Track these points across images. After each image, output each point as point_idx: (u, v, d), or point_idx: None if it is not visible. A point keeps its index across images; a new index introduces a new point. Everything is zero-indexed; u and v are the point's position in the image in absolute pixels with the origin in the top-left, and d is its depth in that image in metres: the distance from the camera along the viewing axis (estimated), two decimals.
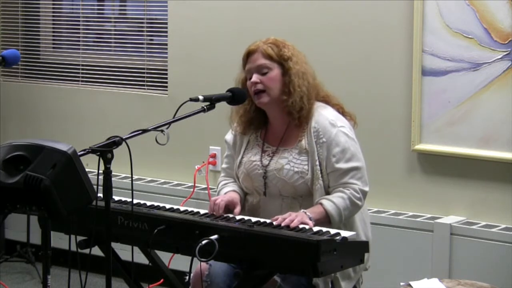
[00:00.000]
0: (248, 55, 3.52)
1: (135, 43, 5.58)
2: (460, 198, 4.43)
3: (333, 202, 3.38)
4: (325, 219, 3.37)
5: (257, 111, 3.58)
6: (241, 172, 3.59)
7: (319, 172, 3.43)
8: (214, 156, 5.16)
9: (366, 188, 3.47)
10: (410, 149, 4.53)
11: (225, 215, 3.42)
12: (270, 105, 3.51)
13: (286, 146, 3.52)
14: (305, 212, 3.34)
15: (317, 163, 3.43)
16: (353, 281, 3.47)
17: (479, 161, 4.35)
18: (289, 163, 3.47)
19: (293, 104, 3.45)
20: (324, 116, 3.49)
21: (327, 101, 3.58)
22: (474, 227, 4.30)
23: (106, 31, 5.73)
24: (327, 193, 3.45)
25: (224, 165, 3.72)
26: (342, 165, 3.43)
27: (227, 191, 3.58)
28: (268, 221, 3.32)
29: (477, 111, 4.32)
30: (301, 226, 3.25)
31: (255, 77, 3.48)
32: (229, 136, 3.69)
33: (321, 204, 3.39)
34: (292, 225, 3.24)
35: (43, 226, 2.88)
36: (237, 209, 3.48)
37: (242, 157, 3.60)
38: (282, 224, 3.25)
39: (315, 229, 3.22)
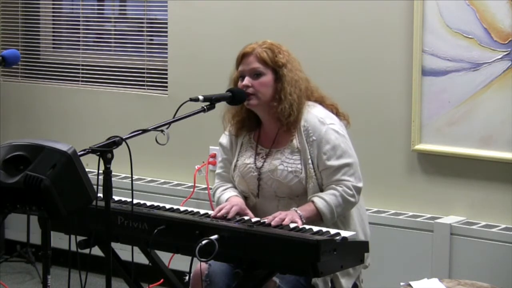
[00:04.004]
0: (243, 57, 3.52)
1: (135, 43, 5.58)
2: (460, 198, 4.43)
3: (325, 199, 3.39)
4: (317, 217, 3.38)
5: (249, 112, 3.58)
6: (236, 175, 3.59)
7: (312, 170, 3.44)
8: (214, 156, 5.15)
9: (360, 184, 3.46)
10: (410, 149, 4.53)
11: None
12: (259, 108, 3.51)
13: (278, 147, 3.53)
14: (296, 210, 3.36)
15: (310, 161, 3.44)
16: (352, 278, 3.48)
17: (479, 161, 4.35)
18: (282, 163, 3.48)
19: (282, 110, 3.46)
20: (313, 114, 3.49)
21: (321, 101, 3.58)
22: (474, 227, 4.30)
23: (106, 31, 5.73)
24: (321, 191, 3.45)
25: (219, 170, 3.70)
26: (334, 162, 3.43)
27: (230, 196, 3.57)
28: (262, 220, 3.32)
29: (477, 111, 4.32)
30: (292, 225, 3.25)
31: (247, 80, 3.48)
32: (224, 140, 3.69)
33: (312, 202, 3.40)
34: (284, 223, 3.25)
35: (43, 226, 2.89)
36: (250, 214, 3.46)
37: (237, 160, 3.61)
38: (272, 224, 3.26)
39: (315, 229, 3.22)
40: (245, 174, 3.55)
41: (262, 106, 3.50)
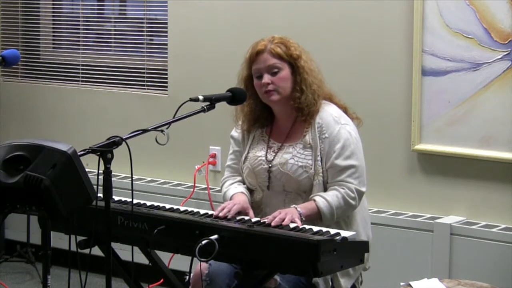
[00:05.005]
0: (256, 55, 3.52)
1: (135, 43, 5.58)
2: (460, 198, 4.43)
3: (326, 199, 3.39)
4: (317, 216, 3.39)
5: (263, 109, 3.59)
6: (246, 167, 3.60)
7: (320, 167, 3.45)
8: (214, 156, 5.15)
9: (363, 189, 3.47)
10: (410, 149, 4.53)
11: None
12: (280, 102, 3.52)
13: (291, 141, 3.54)
14: (296, 208, 3.36)
15: (319, 158, 3.45)
16: (352, 278, 3.48)
17: (479, 161, 4.35)
18: (293, 157, 3.49)
19: (306, 99, 3.48)
20: (329, 112, 3.51)
21: (331, 99, 3.60)
22: (474, 227, 4.30)
23: (106, 31, 5.73)
24: (326, 189, 3.46)
25: (229, 162, 3.71)
26: (340, 162, 3.44)
27: (234, 193, 3.57)
28: (262, 220, 3.32)
29: (477, 111, 4.32)
30: (292, 225, 3.25)
31: (266, 78, 3.48)
32: (236, 133, 3.69)
33: (314, 200, 3.40)
34: (284, 223, 3.25)
35: (43, 226, 2.88)
36: (250, 214, 3.47)
37: (248, 153, 3.61)
38: (272, 224, 3.26)
39: (315, 229, 3.22)
40: (255, 167, 3.56)
41: (283, 100, 3.51)
